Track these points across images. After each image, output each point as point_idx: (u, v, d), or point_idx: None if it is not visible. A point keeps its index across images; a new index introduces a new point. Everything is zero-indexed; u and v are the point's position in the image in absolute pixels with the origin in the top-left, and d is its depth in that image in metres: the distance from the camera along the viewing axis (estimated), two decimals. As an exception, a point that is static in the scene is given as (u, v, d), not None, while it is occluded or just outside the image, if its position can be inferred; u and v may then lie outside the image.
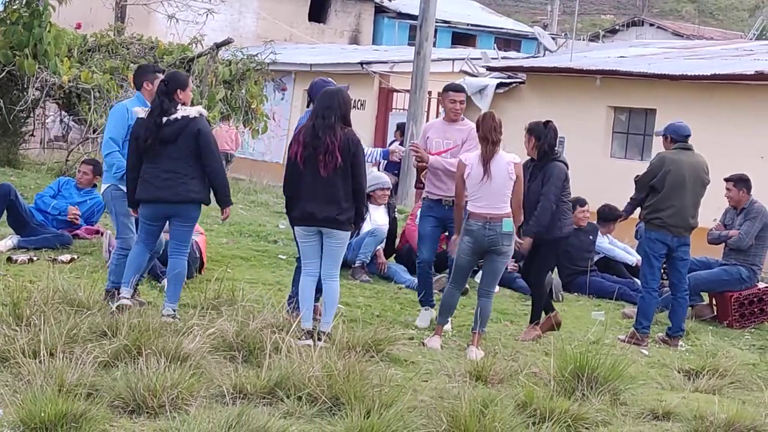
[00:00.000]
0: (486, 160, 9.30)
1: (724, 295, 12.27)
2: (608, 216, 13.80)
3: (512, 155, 9.47)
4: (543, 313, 10.52)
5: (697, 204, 10.93)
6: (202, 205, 9.17)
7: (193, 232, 10.99)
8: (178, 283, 9.12)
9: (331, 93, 8.94)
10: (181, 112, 8.93)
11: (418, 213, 12.39)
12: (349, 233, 9.06)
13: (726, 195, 12.39)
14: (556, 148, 10.30)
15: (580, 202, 13.27)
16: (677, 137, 10.95)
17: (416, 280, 11.05)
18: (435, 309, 10.33)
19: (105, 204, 10.02)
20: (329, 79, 9.82)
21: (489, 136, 9.30)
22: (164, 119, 8.89)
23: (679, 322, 11.09)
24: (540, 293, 10.45)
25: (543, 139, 10.09)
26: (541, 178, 10.08)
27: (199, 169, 8.97)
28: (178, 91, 9.02)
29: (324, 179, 8.74)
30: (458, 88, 10.55)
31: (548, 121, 10.19)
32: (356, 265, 12.16)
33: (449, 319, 10.03)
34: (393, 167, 19.21)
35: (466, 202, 9.50)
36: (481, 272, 12.57)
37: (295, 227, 9.03)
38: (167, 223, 9.23)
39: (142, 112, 9.04)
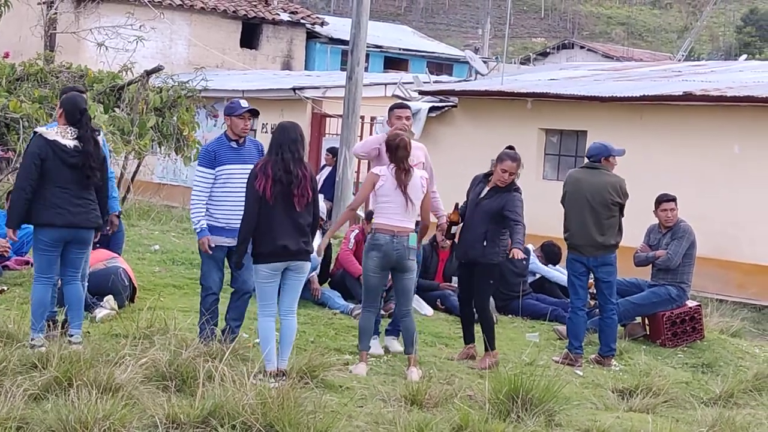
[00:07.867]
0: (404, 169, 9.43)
1: (656, 314, 12.33)
2: (555, 258, 13.92)
3: (422, 171, 9.69)
4: (465, 341, 10.58)
5: (601, 223, 10.93)
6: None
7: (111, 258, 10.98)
8: (81, 307, 9.15)
9: (290, 127, 8.95)
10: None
11: (351, 236, 12.42)
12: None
13: (667, 216, 12.28)
14: None
15: (516, 230, 13.32)
16: (587, 156, 11.21)
17: (350, 306, 11.03)
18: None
19: None
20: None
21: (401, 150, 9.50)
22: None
23: (609, 342, 11.14)
24: (487, 318, 10.38)
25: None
26: (500, 203, 10.24)
27: None
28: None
29: (297, 213, 8.70)
30: (403, 105, 10.88)
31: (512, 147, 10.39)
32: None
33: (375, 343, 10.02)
34: (327, 192, 19.16)
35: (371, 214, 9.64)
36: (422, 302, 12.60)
37: (262, 265, 8.72)
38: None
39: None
